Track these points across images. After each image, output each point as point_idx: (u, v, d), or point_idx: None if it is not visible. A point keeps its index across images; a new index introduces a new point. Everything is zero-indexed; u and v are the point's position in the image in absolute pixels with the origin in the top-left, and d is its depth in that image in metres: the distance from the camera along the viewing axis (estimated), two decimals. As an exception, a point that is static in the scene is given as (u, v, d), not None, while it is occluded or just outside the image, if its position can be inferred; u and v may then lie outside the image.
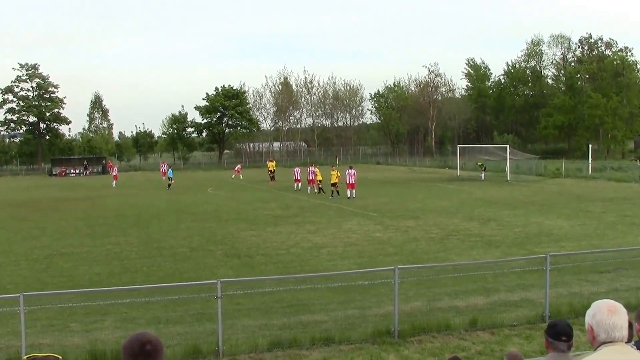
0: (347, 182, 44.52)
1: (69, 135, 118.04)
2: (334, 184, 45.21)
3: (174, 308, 14.99)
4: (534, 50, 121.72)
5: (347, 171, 45.00)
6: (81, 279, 19.39)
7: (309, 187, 49.84)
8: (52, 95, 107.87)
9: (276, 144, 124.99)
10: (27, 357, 3.71)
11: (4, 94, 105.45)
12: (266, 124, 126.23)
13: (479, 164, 63.23)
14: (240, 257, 22.72)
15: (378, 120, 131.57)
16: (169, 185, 56.46)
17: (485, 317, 13.79)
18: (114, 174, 65.14)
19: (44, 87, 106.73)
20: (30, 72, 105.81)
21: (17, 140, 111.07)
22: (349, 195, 43.84)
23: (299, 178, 52.56)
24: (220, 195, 49.15)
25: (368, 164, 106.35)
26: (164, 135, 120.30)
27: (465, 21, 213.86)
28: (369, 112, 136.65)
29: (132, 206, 41.78)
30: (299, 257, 22.48)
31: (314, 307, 15.18)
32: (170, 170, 60.50)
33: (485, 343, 12.50)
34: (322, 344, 12.36)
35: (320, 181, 48.57)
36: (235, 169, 75.37)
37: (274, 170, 62.57)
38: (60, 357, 3.77)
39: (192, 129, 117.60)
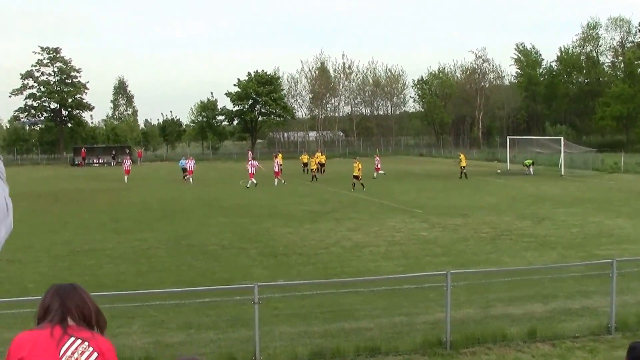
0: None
1: (92, 122, 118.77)
2: (356, 177, 45.94)
3: (206, 312, 14.87)
4: (590, 35, 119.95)
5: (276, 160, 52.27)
6: (106, 278, 19.35)
7: (276, 180, 51.28)
8: (74, 80, 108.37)
9: (312, 134, 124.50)
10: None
11: (24, 79, 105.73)
12: (301, 112, 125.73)
13: (528, 162, 61.79)
14: (276, 256, 22.56)
15: (421, 108, 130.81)
16: (184, 176, 56.87)
17: (544, 326, 13.44)
18: (126, 167, 59.81)
19: (66, 72, 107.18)
20: (51, 55, 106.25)
21: (38, 128, 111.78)
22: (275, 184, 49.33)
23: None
24: (252, 187, 49.05)
25: (410, 155, 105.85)
26: (192, 124, 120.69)
27: (515, 2, 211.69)
28: (411, 100, 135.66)
29: (159, 199, 41.91)
30: (339, 257, 22.29)
31: (357, 313, 14.94)
32: (184, 161, 60.36)
33: (546, 356, 12.18)
34: (368, 355, 12.12)
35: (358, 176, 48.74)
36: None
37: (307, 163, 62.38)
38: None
39: (223, 117, 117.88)
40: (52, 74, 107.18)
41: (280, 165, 54.09)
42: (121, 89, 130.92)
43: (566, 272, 17.87)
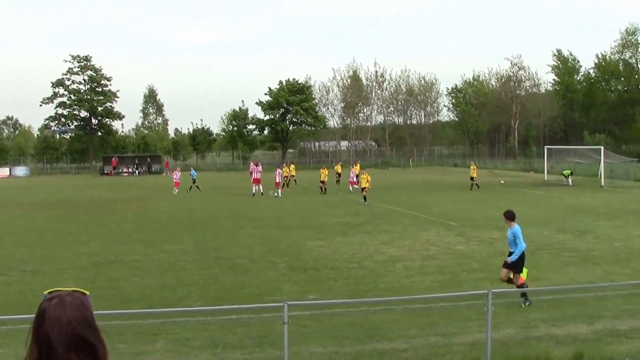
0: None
1: (122, 131, 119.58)
2: (363, 189, 44.89)
3: (232, 329, 14.42)
4: (629, 41, 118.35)
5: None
6: (131, 291, 18.97)
7: (271, 191, 52.46)
8: (104, 88, 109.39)
9: (344, 143, 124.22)
10: (49, 292, 3.04)
11: (54, 87, 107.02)
12: (333, 122, 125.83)
13: (566, 172, 60.79)
14: (306, 270, 22.05)
15: (455, 117, 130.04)
16: (190, 187, 57.47)
17: (591, 349, 12.74)
18: (176, 180, 58.04)
19: (96, 80, 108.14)
20: (82, 63, 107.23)
21: (68, 137, 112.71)
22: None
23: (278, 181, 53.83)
24: (282, 198, 48.70)
25: (444, 165, 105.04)
26: (222, 133, 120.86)
27: (552, 8, 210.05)
28: (445, 108, 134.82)
29: (188, 209, 41.68)
30: (372, 271, 21.73)
31: (391, 332, 14.36)
32: (193, 171, 61.58)
33: (594, 382, 11.59)
34: (404, 378, 11.61)
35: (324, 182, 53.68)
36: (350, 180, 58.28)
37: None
38: (87, 293, 3.07)
39: (254, 126, 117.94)
40: (83, 82, 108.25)
41: (290, 176, 57.56)
42: (151, 98, 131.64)
43: (612, 290, 17.23)
